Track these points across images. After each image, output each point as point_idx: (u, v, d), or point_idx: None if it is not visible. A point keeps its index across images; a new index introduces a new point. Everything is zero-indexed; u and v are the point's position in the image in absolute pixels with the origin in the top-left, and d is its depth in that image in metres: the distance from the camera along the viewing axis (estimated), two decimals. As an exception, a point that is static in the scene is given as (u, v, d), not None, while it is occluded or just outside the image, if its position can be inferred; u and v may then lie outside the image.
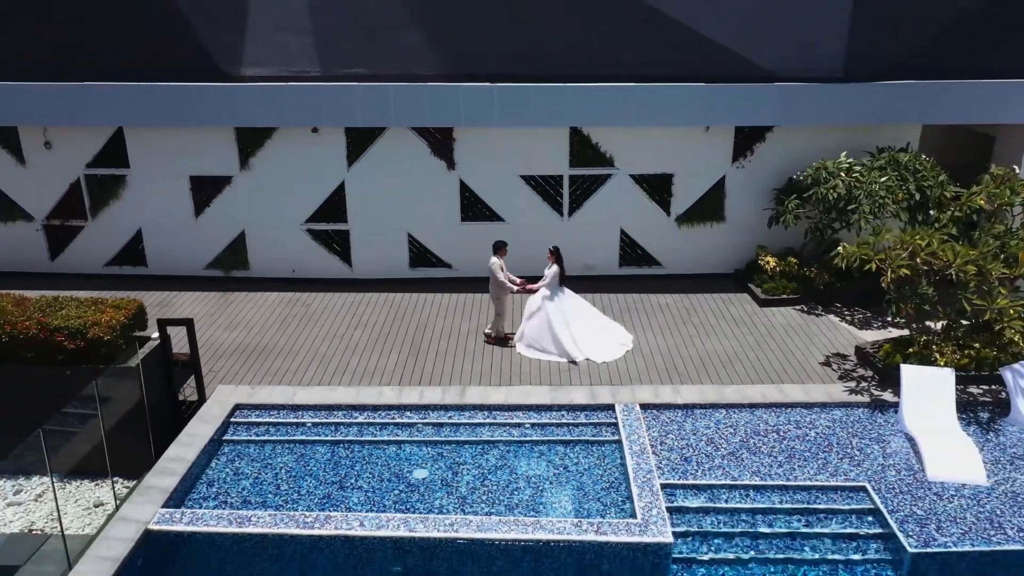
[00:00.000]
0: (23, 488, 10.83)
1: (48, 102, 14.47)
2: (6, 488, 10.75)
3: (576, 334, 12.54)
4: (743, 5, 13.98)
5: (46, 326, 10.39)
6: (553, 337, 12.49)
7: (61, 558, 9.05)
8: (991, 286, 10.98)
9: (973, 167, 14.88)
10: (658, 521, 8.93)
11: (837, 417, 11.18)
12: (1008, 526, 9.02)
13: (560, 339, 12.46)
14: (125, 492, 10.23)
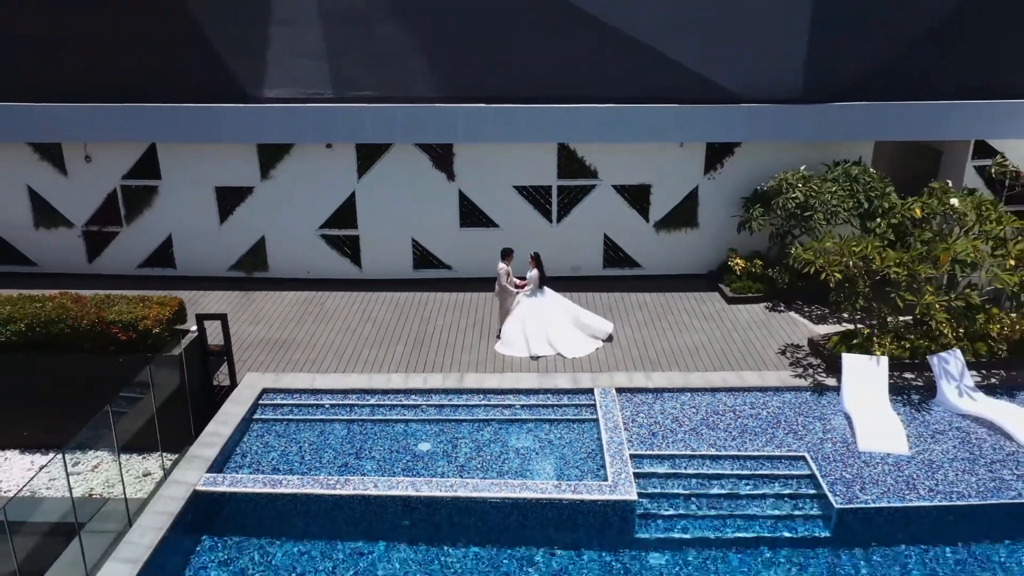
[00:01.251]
0: (79, 460, 12.48)
1: (89, 121, 16.11)
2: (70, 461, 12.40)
3: (549, 332, 14.06)
4: (712, 34, 15.63)
5: (103, 320, 12.06)
6: (524, 335, 14.07)
7: (120, 517, 10.71)
8: (920, 285, 12.64)
9: (924, 177, 16.55)
10: (625, 483, 10.60)
11: (786, 399, 12.85)
12: (921, 487, 10.69)
13: (528, 337, 14.02)
14: (169, 464, 11.88)
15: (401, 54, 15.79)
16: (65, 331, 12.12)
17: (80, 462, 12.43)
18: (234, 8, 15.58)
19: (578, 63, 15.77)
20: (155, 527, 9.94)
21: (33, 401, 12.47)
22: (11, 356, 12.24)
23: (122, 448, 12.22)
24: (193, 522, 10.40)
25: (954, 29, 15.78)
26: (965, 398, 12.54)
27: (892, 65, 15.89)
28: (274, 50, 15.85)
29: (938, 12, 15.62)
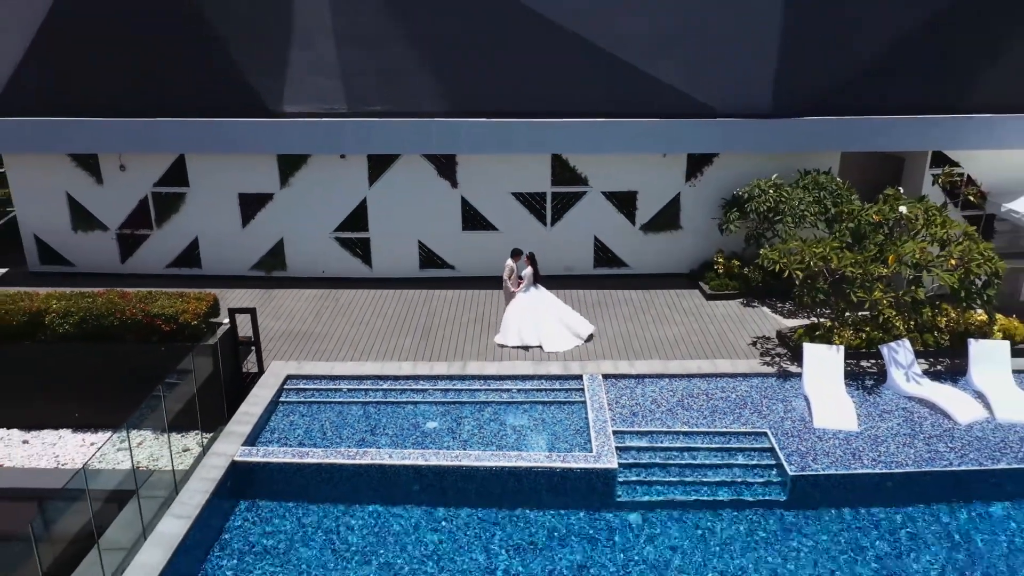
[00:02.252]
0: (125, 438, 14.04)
1: (125, 133, 17.69)
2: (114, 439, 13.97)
3: (537, 326, 15.60)
4: (691, 56, 17.22)
5: (148, 313, 13.64)
6: (516, 326, 15.65)
7: (167, 484, 12.27)
8: (871, 283, 14.23)
9: (889, 183, 18.12)
10: (608, 454, 12.18)
11: (754, 384, 14.42)
12: (865, 458, 12.27)
13: (519, 329, 15.59)
14: (205, 440, 13.45)
15: (408, 73, 17.38)
16: (114, 323, 13.70)
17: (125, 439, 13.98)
18: (257, 32, 17.16)
19: (570, 81, 17.35)
20: (201, 491, 11.51)
21: (84, 386, 14.07)
22: (67, 345, 13.81)
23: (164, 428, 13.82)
24: (232, 487, 11.97)
25: (911, 50, 17.38)
26: (912, 383, 14.12)
27: (854, 83, 17.50)
28: (293, 70, 17.44)
29: (896, 34, 17.22)
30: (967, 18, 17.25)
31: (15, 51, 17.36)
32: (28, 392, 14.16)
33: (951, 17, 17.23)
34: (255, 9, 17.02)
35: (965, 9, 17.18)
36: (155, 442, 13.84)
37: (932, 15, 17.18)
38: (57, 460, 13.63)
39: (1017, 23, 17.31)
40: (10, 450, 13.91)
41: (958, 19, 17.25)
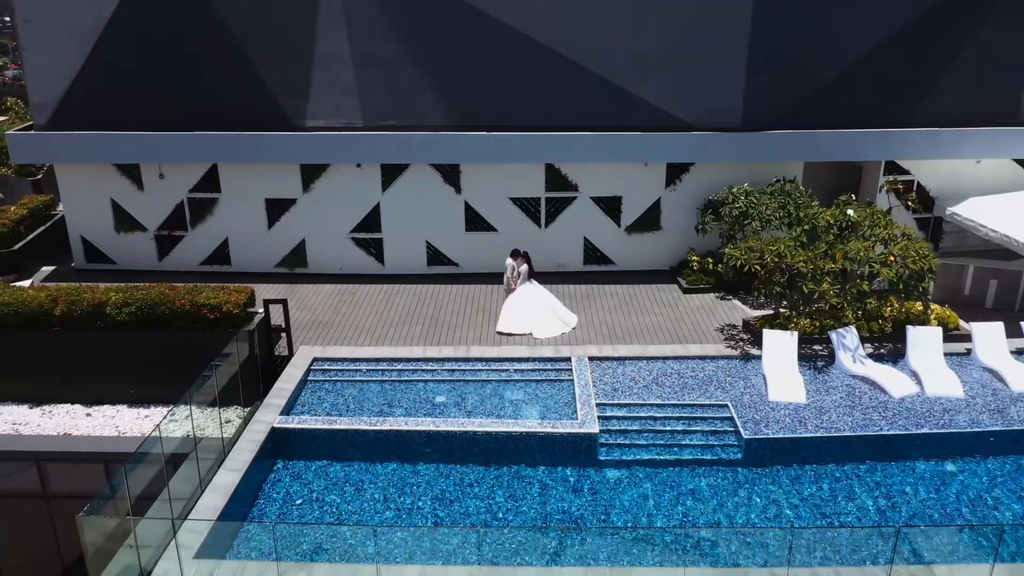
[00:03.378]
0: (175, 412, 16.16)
1: (164, 145, 19.85)
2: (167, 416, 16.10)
3: (530, 316, 17.77)
4: (669, 76, 19.39)
5: (195, 303, 15.80)
6: (512, 315, 17.82)
7: (216, 448, 14.38)
8: (820, 276, 16.38)
9: (849, 189, 20.31)
10: (591, 422, 14.33)
11: (720, 364, 16.57)
12: (809, 425, 14.42)
13: (515, 317, 17.76)
14: (244, 413, 15.57)
15: (417, 92, 19.58)
16: (165, 312, 15.85)
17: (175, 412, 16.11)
18: (284, 56, 19.35)
19: (562, 99, 19.54)
20: (247, 451, 13.67)
21: (138, 367, 16.20)
22: (123, 332, 15.95)
23: (210, 402, 15.96)
24: (272, 449, 14.11)
25: (866, 71, 19.60)
26: (856, 363, 16.28)
27: (815, 100, 19.71)
28: (315, 89, 19.62)
29: (853, 57, 19.45)
30: (915, 44, 19.48)
31: (68, 74, 19.52)
32: (90, 372, 16.29)
33: (901, 43, 19.46)
34: (282, 36, 19.21)
35: (913, 36, 19.40)
36: (200, 415, 15.96)
37: (885, 40, 19.40)
38: (118, 429, 15.77)
39: (957, 49, 19.50)
40: (76, 421, 16.06)
41: (907, 45, 19.48)
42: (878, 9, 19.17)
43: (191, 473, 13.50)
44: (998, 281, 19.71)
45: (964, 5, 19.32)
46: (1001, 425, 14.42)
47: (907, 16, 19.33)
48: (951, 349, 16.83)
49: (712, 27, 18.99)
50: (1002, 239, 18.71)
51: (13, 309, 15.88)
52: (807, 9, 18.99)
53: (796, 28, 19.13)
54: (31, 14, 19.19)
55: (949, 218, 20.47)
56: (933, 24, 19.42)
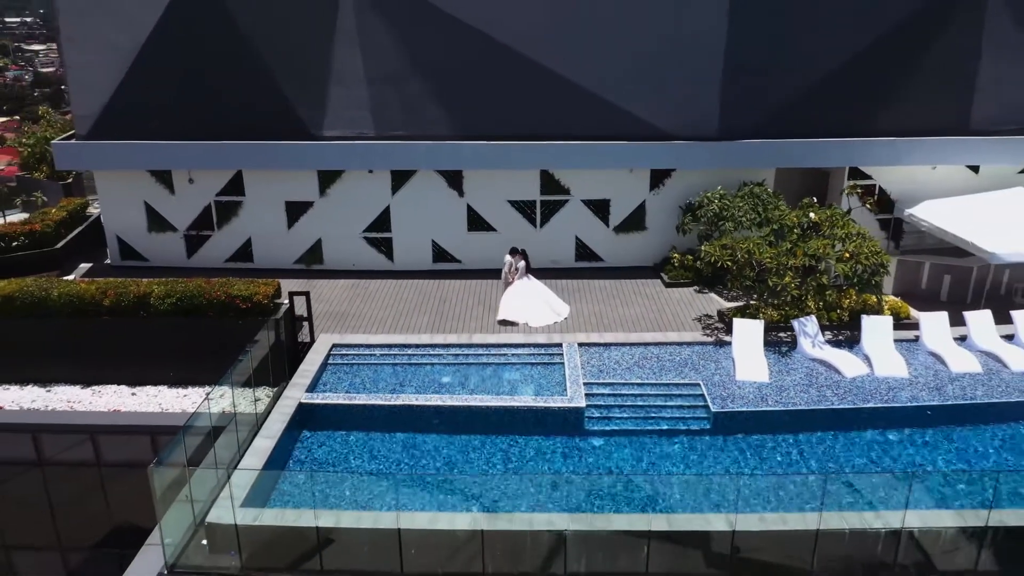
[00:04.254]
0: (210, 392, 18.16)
1: (194, 153, 21.88)
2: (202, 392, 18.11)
3: (527, 307, 19.81)
4: (652, 90, 21.41)
5: (229, 295, 17.82)
6: (510, 306, 19.85)
7: (250, 421, 16.37)
8: (784, 271, 18.42)
9: (816, 193, 22.35)
10: (579, 398, 16.35)
11: (695, 349, 18.60)
12: (770, 401, 16.46)
13: (512, 308, 19.80)
14: (272, 393, 17.55)
15: (424, 105, 21.62)
16: (203, 303, 17.88)
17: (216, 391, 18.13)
18: (303, 72, 21.39)
19: (556, 111, 21.56)
20: (279, 422, 15.68)
21: (178, 351, 18.22)
22: (164, 320, 17.97)
23: (243, 383, 17.97)
24: (299, 421, 16.12)
25: (831, 84, 21.65)
26: (815, 348, 18.32)
27: (784, 112, 21.75)
28: (331, 103, 21.66)
29: (819, 72, 21.48)
30: (875, 61, 21.53)
31: (108, 89, 21.51)
32: (134, 356, 18.32)
33: (863, 60, 21.51)
34: (302, 56, 21.25)
35: (873, 55, 21.45)
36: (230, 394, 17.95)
37: (848, 58, 21.46)
38: (160, 407, 17.80)
39: (913, 66, 21.55)
40: (123, 400, 18.09)
41: (868, 62, 21.53)
42: (841, 31, 21.21)
43: (231, 442, 15.49)
44: (951, 276, 21.70)
45: (919, 27, 21.36)
46: (938, 401, 16.46)
47: (868, 37, 21.36)
48: (902, 336, 18.88)
49: (690, 47, 21.04)
50: (952, 239, 20.75)
51: (67, 300, 17.93)
52: (776, 30, 21.04)
53: (766, 47, 21.16)
54: (75, 35, 21.21)
55: (907, 219, 22.52)
56: (891, 43, 21.45)
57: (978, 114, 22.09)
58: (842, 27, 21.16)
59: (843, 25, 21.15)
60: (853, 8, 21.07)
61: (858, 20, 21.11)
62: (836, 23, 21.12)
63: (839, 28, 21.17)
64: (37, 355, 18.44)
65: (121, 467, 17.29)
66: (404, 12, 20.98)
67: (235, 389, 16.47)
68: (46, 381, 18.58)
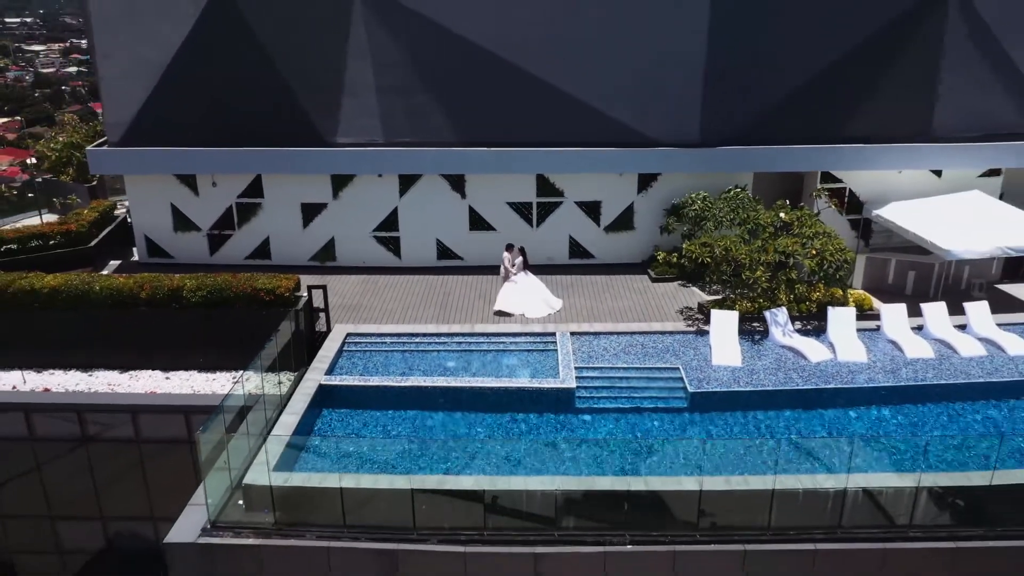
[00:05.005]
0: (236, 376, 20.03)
1: (217, 159, 23.76)
2: (230, 376, 19.97)
3: (523, 299, 21.70)
4: (640, 102, 23.29)
5: (255, 288, 19.69)
6: (508, 299, 21.75)
7: (275, 401, 18.22)
8: (756, 266, 20.29)
9: (791, 196, 24.24)
10: (570, 380, 18.22)
11: (676, 338, 20.47)
12: (742, 382, 18.33)
13: (510, 300, 21.70)
14: (292, 377, 19.40)
15: (429, 114, 23.50)
16: (230, 295, 19.74)
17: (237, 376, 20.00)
18: (318, 84, 23.27)
19: (551, 120, 23.45)
20: (302, 401, 17.55)
21: (207, 339, 20.07)
22: (195, 311, 19.83)
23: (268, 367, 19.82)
24: (319, 400, 17.98)
25: (804, 95, 23.53)
26: (785, 336, 20.20)
27: (762, 121, 23.64)
28: (344, 112, 23.54)
29: (793, 84, 23.36)
30: (845, 73, 23.41)
31: (138, 100, 23.42)
32: (168, 344, 20.19)
33: (834, 73, 23.39)
34: (317, 68, 23.14)
35: (843, 67, 23.33)
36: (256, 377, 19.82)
37: (820, 71, 23.33)
38: (192, 389, 19.67)
39: (880, 77, 23.44)
40: (157, 383, 19.96)
41: (839, 74, 23.42)
42: (813, 46, 23.09)
43: (259, 418, 17.36)
44: (915, 272, 23.61)
45: (885, 42, 23.24)
46: (892, 383, 18.35)
47: (837, 51, 23.24)
48: (864, 325, 20.75)
49: (674, 62, 22.93)
50: (914, 237, 22.62)
51: (108, 293, 19.81)
52: (752, 47, 22.91)
53: (743, 62, 23.04)
54: (109, 51, 23.09)
55: (875, 219, 24.40)
56: (859, 57, 23.33)
57: (940, 122, 23.96)
58: (813, 43, 23.04)
59: (814, 41, 23.03)
60: (823, 25, 22.94)
61: (828, 36, 23.00)
62: (808, 39, 23.00)
63: (811, 44, 23.05)
64: (79, 343, 20.29)
65: (159, 443, 19.17)
66: (411, 29, 22.86)
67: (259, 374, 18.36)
68: (88, 367, 20.45)
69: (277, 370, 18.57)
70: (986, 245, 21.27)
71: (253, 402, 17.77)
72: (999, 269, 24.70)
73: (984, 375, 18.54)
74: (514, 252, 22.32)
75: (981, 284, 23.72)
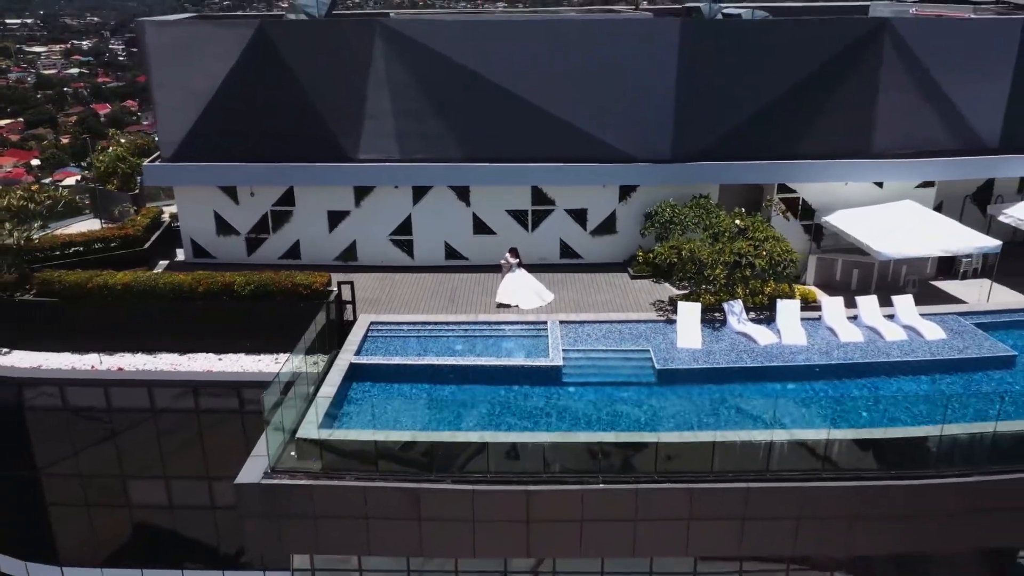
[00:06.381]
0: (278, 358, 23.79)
1: (255, 173, 27.55)
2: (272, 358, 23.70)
3: (517, 293, 25.53)
4: (621, 123, 27.08)
5: (294, 283, 23.46)
6: (506, 293, 25.56)
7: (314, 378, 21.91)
8: (716, 264, 24.06)
9: (752, 204, 28.03)
10: (558, 359, 21.98)
11: (648, 326, 24.20)
12: (701, 361, 22.06)
13: (507, 294, 25.50)
14: (328, 358, 23.12)
15: (439, 135, 27.30)
16: (273, 289, 23.52)
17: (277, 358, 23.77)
18: (344, 108, 27.06)
19: (544, 140, 27.20)
20: (337, 375, 21.24)
21: (253, 327, 23.80)
22: (242, 302, 23.57)
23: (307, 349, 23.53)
24: (351, 376, 21.66)
25: (764, 117, 27.30)
26: (740, 324, 23.97)
27: (726, 139, 27.41)
28: (365, 132, 27.33)
29: (754, 107, 27.14)
30: (798, 99, 27.19)
31: (188, 122, 27.19)
32: (219, 330, 23.92)
33: (788, 99, 27.16)
34: (343, 96, 26.92)
35: (797, 94, 27.12)
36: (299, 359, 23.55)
37: (776, 97, 27.10)
38: (241, 368, 23.43)
39: (827, 103, 27.25)
40: (211, 364, 23.71)
41: (793, 100, 27.19)
42: (768, 76, 26.87)
43: (302, 391, 21.13)
44: (858, 271, 27.41)
45: (831, 73, 27.01)
46: (824, 361, 22.11)
47: (791, 80, 27.00)
48: (809, 315, 24.52)
49: (650, 91, 26.75)
50: (854, 240, 26.42)
51: (170, 288, 23.59)
52: (716, 77, 26.71)
53: (709, 91, 26.82)
54: (164, 81, 26.88)
55: (824, 225, 28.20)
56: (810, 85, 27.10)
57: (879, 141, 27.75)
58: (768, 74, 26.82)
59: (769, 72, 26.81)
60: (776, 59, 26.74)
61: (781, 68, 26.79)
62: (763, 71, 26.78)
63: (766, 75, 26.83)
64: (145, 330, 24.03)
65: (215, 413, 22.93)
66: (424, 62, 26.64)
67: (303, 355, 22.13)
68: (152, 350, 24.20)
69: (316, 352, 22.35)
70: (912, 247, 25.10)
71: (295, 378, 21.54)
72: (934, 268, 28.54)
73: (901, 355, 22.32)
74: (513, 254, 26.11)
75: (914, 281, 27.50)
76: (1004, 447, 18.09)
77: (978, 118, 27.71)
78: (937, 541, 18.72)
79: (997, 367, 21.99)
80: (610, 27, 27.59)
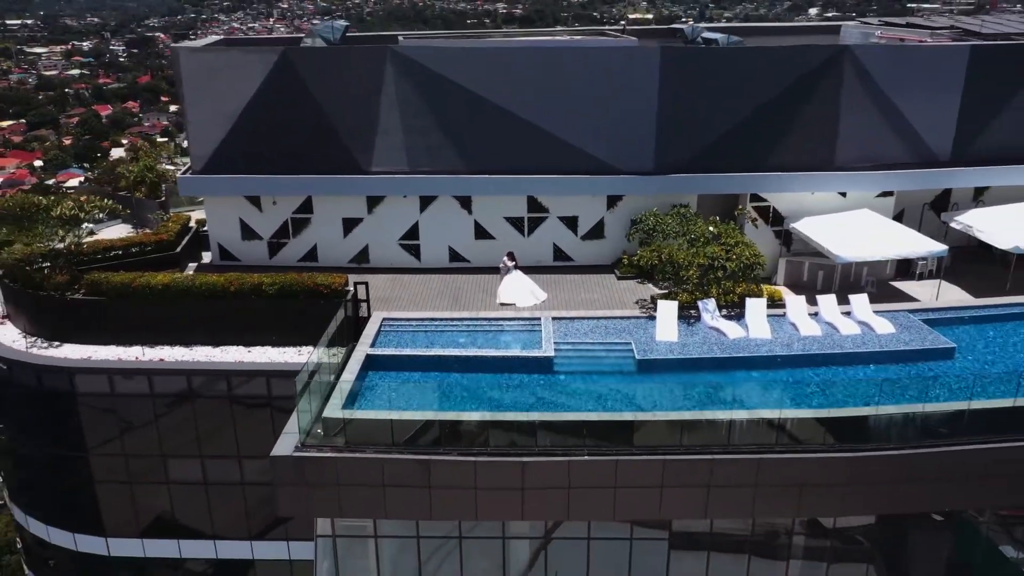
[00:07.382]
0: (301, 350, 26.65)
1: (277, 184, 30.46)
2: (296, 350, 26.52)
3: (514, 292, 28.44)
4: (609, 138, 30.00)
5: (316, 283, 26.36)
6: (504, 292, 28.47)
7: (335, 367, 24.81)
8: (691, 267, 26.97)
9: (727, 212, 30.96)
10: (550, 350, 24.88)
11: (631, 322, 27.09)
12: (676, 352, 24.98)
13: (506, 293, 28.41)
14: (346, 350, 25.98)
15: (443, 149, 30.22)
16: (297, 289, 26.42)
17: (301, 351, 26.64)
18: (358, 125, 29.98)
19: (539, 154, 30.11)
20: (356, 364, 24.12)
21: (278, 323, 26.67)
22: (269, 300, 26.45)
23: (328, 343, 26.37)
24: (368, 365, 24.53)
25: (736, 134, 30.24)
26: (712, 320, 26.87)
27: (704, 153, 30.35)
28: (377, 147, 30.26)
29: (727, 125, 30.08)
30: (770, 116, 30.13)
31: (217, 138, 30.10)
32: (247, 326, 26.78)
33: (760, 116, 30.09)
34: (357, 114, 29.85)
35: (768, 112, 30.06)
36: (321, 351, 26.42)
37: (749, 115, 30.03)
38: (269, 359, 26.31)
39: (795, 120, 30.20)
40: (241, 355, 26.58)
41: (764, 117, 30.13)
42: (741, 97, 29.81)
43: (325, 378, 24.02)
44: (822, 272, 30.34)
45: (797, 93, 29.95)
46: (785, 352, 25.04)
47: (762, 99, 29.94)
48: (775, 312, 27.41)
49: (634, 111, 29.68)
50: (817, 245, 29.34)
51: (205, 287, 26.48)
52: (693, 98, 29.66)
53: (687, 110, 29.77)
54: (195, 100, 29.81)
55: (792, 231, 31.14)
56: (779, 103, 30.04)
57: (841, 155, 30.69)
58: (740, 95, 29.76)
59: (741, 93, 29.75)
60: (747, 82, 29.68)
61: (751, 90, 29.74)
62: (736, 92, 29.72)
63: (738, 95, 29.77)
64: (183, 325, 26.89)
65: (245, 399, 25.83)
66: (431, 84, 29.57)
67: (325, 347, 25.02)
68: (189, 343, 27.06)
69: (336, 344, 25.24)
70: (867, 251, 28.06)
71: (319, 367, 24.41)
72: (893, 269, 31.48)
73: (853, 347, 25.25)
74: (510, 257, 29.05)
75: (873, 281, 30.41)
76: (932, 425, 21.03)
77: (931, 134, 30.64)
78: (877, 506, 21.66)
79: (938, 358, 24.91)
80: (598, 53, 30.54)
